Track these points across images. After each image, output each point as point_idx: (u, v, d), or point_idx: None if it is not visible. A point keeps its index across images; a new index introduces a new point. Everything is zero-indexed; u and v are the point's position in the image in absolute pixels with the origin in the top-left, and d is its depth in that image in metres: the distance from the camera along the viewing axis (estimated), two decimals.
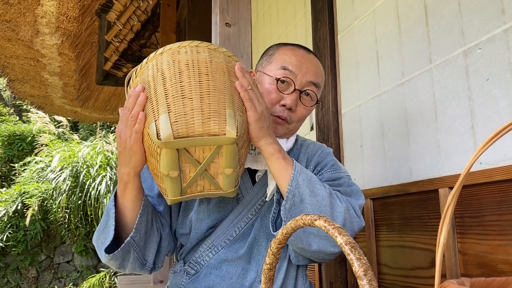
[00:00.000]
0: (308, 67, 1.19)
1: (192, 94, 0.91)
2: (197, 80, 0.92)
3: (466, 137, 1.21)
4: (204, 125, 0.89)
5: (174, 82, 0.92)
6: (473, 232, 1.18)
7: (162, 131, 0.88)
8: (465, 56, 1.23)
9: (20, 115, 11.83)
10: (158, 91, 0.93)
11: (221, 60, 0.98)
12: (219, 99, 0.92)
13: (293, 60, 1.19)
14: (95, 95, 5.41)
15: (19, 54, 3.92)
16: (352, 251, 0.59)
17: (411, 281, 1.41)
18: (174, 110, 0.90)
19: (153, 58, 0.97)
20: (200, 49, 0.97)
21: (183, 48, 0.96)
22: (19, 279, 7.37)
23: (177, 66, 0.93)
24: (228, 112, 0.91)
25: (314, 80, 1.19)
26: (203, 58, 0.95)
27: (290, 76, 1.17)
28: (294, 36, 2.41)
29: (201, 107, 0.90)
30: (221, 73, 0.95)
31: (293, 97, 1.16)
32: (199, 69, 0.94)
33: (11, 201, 7.43)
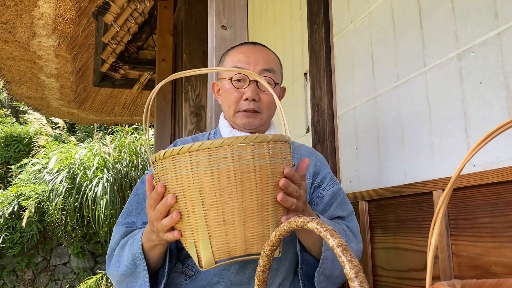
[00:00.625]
0: (256, 58, 1.24)
1: (234, 218, 0.84)
2: (240, 200, 0.84)
3: (459, 139, 1.22)
4: (247, 250, 0.87)
5: (214, 203, 0.84)
6: (466, 234, 1.19)
7: (204, 260, 0.87)
8: (459, 59, 1.23)
9: (17, 117, 11.80)
10: (196, 207, 0.85)
11: (265, 157, 0.86)
12: (263, 218, 0.86)
13: (241, 57, 1.24)
14: (92, 96, 5.42)
15: (15, 55, 3.93)
16: (344, 253, 0.59)
17: (405, 283, 1.41)
18: (216, 236, 0.86)
19: (186, 152, 0.84)
20: (242, 150, 0.84)
21: (222, 150, 0.83)
22: (15, 281, 7.35)
23: (216, 180, 0.83)
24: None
25: (265, 67, 1.23)
26: (246, 165, 0.84)
27: (241, 72, 1.21)
28: (290, 38, 2.42)
29: (244, 233, 0.86)
30: (265, 179, 0.85)
31: (251, 88, 1.20)
32: (242, 184, 0.84)
33: (8, 203, 7.40)
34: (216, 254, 0.86)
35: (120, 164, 7.26)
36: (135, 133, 8.25)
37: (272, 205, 0.87)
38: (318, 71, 1.97)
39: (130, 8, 3.88)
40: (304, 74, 2.22)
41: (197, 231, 0.86)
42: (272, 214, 0.88)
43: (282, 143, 0.90)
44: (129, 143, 7.62)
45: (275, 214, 0.89)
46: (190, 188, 0.85)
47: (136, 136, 8.01)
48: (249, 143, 0.85)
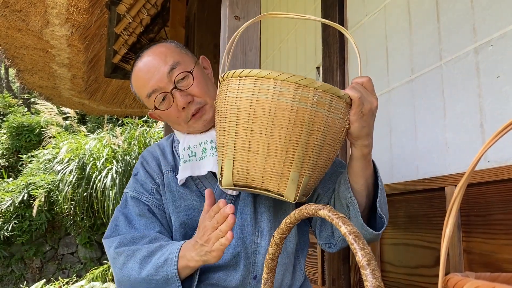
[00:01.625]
0: (152, 73, 1.13)
1: (259, 148, 0.87)
2: (268, 134, 0.86)
3: (474, 135, 1.20)
4: (264, 184, 0.89)
5: (245, 128, 0.88)
6: (478, 231, 1.17)
7: (224, 178, 0.91)
8: (476, 53, 1.21)
9: (29, 107, 11.91)
10: (230, 127, 0.90)
11: (306, 102, 0.85)
12: (286, 159, 0.87)
13: (143, 79, 1.14)
14: (103, 87, 5.43)
15: (28, 44, 3.94)
16: (356, 241, 0.58)
17: (414, 279, 1.40)
18: (239, 159, 0.89)
19: (237, 77, 0.89)
20: (285, 87, 0.85)
21: (266, 81, 0.85)
22: (23, 269, 7.43)
23: (253, 107, 0.86)
24: (292, 176, 0.88)
25: (168, 67, 1.12)
26: (284, 103, 0.84)
27: (156, 93, 1.13)
28: (303, 32, 2.40)
29: (264, 166, 0.87)
30: (299, 122, 0.85)
31: (177, 96, 1.12)
32: (274, 120, 0.85)
33: (18, 192, 7.48)
34: (235, 176, 0.90)
35: (130, 156, 7.29)
36: (145, 125, 8.27)
37: (300, 150, 0.87)
38: (331, 64, 1.95)
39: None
40: (316, 68, 2.20)
41: (226, 149, 0.91)
42: (298, 159, 0.87)
43: (333, 96, 0.87)
44: (138, 135, 7.65)
45: (301, 160, 0.87)
46: (231, 109, 0.89)
47: (146, 129, 8.03)
48: (294, 82, 0.85)
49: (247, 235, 1.16)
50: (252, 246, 1.16)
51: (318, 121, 0.86)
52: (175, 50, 1.18)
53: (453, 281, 0.52)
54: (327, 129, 0.88)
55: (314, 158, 0.89)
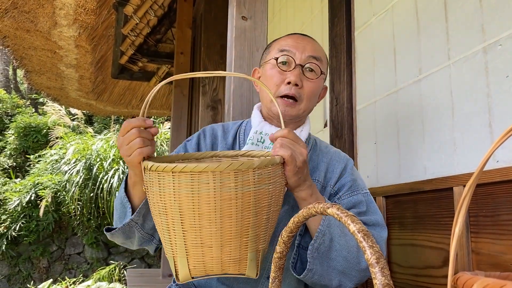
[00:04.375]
0: (305, 44, 1.20)
1: (212, 242, 0.84)
2: (218, 227, 0.83)
3: (483, 134, 1.19)
4: (224, 270, 0.87)
5: (193, 225, 0.84)
6: (487, 232, 1.16)
7: (180, 274, 0.88)
8: (484, 52, 1.20)
9: (36, 108, 11.98)
10: (176, 226, 0.85)
11: (248, 185, 0.83)
12: (241, 243, 0.85)
13: (289, 42, 1.21)
14: (110, 88, 5.46)
15: (36, 45, 3.98)
16: (365, 239, 0.58)
17: (422, 280, 1.39)
18: (193, 255, 0.86)
19: (170, 172, 0.83)
20: (225, 177, 0.81)
21: (204, 175, 0.81)
22: (30, 268, 7.47)
23: (196, 204, 0.82)
24: (250, 256, 0.87)
25: (313, 54, 1.19)
26: (228, 193, 0.82)
27: (289, 54, 1.18)
28: (309, 32, 2.40)
29: (220, 256, 0.85)
30: (247, 205, 0.83)
31: (295, 73, 1.16)
32: (221, 211, 0.82)
33: (25, 192, 7.52)
34: (192, 271, 0.87)
35: None
36: None
37: (253, 230, 0.86)
38: (338, 64, 1.94)
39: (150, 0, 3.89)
40: None
41: (176, 247, 0.87)
42: (252, 239, 0.86)
43: (271, 167, 0.87)
44: None
45: (255, 239, 0.87)
46: (171, 206, 0.84)
47: None
48: (233, 170, 0.81)
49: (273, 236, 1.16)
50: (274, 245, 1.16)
51: (263, 197, 0.86)
52: (325, 57, 1.26)
53: (463, 280, 0.52)
54: (272, 198, 0.88)
55: (265, 230, 0.89)
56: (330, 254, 1.05)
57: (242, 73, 1.74)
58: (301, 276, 1.07)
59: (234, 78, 1.67)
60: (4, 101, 10.94)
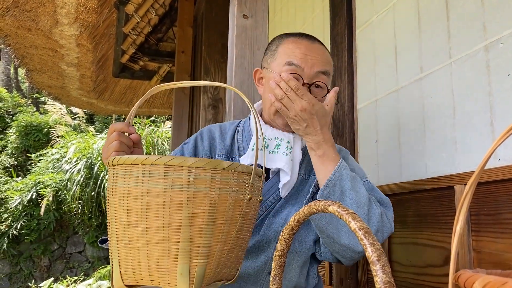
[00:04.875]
0: (314, 58, 1.15)
1: (139, 244, 0.78)
2: (144, 226, 0.77)
3: (484, 133, 1.19)
4: (154, 281, 0.79)
5: (123, 222, 0.79)
6: (488, 230, 1.16)
7: (115, 280, 0.82)
8: (486, 50, 1.20)
9: (38, 107, 11.99)
10: (111, 223, 0.82)
11: (181, 183, 0.76)
12: (170, 250, 0.77)
13: (297, 53, 1.14)
14: (111, 87, 5.46)
15: (38, 44, 3.97)
16: (366, 237, 0.58)
17: (423, 279, 1.39)
18: (123, 259, 0.80)
19: (111, 165, 0.81)
20: (154, 171, 0.76)
21: (135, 168, 0.77)
22: (31, 267, 7.48)
23: (126, 198, 0.78)
24: (180, 269, 0.77)
25: (322, 69, 1.15)
26: (155, 188, 0.76)
27: (297, 71, 1.13)
28: (311, 30, 2.39)
29: (147, 262, 0.78)
30: (177, 207, 0.76)
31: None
32: (148, 209, 0.76)
33: (26, 191, 7.54)
34: (123, 277, 0.81)
35: None
36: (152, 125, 8.30)
37: (184, 238, 0.76)
38: (339, 63, 1.94)
39: None
40: None
41: (112, 247, 0.83)
42: (184, 249, 0.77)
43: (216, 170, 0.78)
44: (146, 135, 7.68)
45: (187, 250, 0.77)
46: (109, 201, 0.82)
47: (154, 129, 8.06)
48: (162, 164, 0.76)
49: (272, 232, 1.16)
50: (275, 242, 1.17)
51: (200, 202, 0.77)
52: (332, 65, 1.23)
53: (464, 277, 0.51)
54: (216, 208, 0.78)
55: (205, 244, 0.78)
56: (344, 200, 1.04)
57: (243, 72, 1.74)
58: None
59: (235, 77, 1.67)
60: (5, 100, 10.95)
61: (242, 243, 0.88)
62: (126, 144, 0.96)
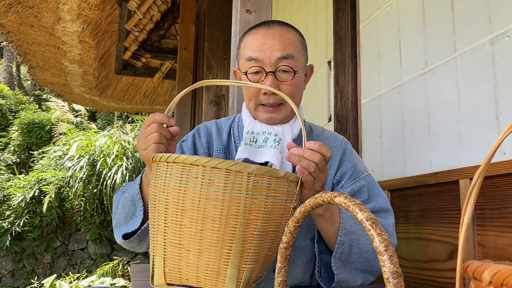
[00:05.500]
0: (271, 44, 1.12)
1: (190, 245, 0.78)
2: (199, 228, 0.77)
3: (490, 127, 1.18)
4: (200, 283, 0.80)
5: (175, 221, 0.79)
6: (493, 225, 1.15)
7: (155, 277, 0.83)
8: (492, 44, 1.19)
9: (40, 104, 12.00)
10: (159, 219, 0.82)
11: (240, 189, 0.77)
12: (222, 255, 0.78)
13: (254, 45, 1.13)
14: (114, 84, 5.46)
15: (40, 40, 3.97)
16: (373, 227, 0.58)
17: (427, 273, 1.38)
18: (170, 257, 0.81)
19: (164, 162, 0.82)
20: (215, 175, 0.76)
21: (194, 168, 0.77)
22: (34, 264, 7.50)
23: (181, 198, 0.78)
24: (230, 273, 0.78)
25: (282, 54, 1.11)
26: (215, 192, 0.76)
27: (257, 64, 1.11)
28: (314, 27, 2.39)
29: (197, 263, 0.79)
30: (234, 212, 0.77)
31: (268, 82, 1.10)
32: (205, 212, 0.77)
33: (29, 188, 7.55)
34: (167, 275, 0.82)
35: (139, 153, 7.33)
36: None
37: (237, 243, 0.78)
38: (342, 58, 1.93)
39: None
40: (327, 62, 2.19)
41: (157, 244, 0.83)
42: (235, 254, 0.78)
43: (272, 178, 0.79)
44: None
45: (239, 255, 0.78)
46: (160, 198, 0.82)
47: None
48: (224, 168, 0.76)
49: None
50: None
51: (256, 208, 0.78)
52: (298, 45, 1.17)
53: (473, 267, 0.51)
54: (268, 216, 0.80)
55: (254, 250, 0.80)
56: (351, 258, 1.06)
57: None
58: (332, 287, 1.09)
59: None
60: (7, 98, 10.96)
61: (276, 254, 0.89)
62: (165, 136, 0.94)
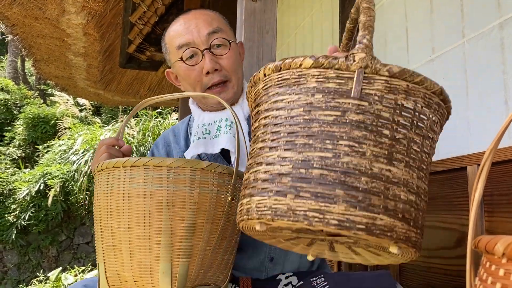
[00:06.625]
0: (195, 24, 1.10)
1: (122, 245, 0.79)
2: (126, 227, 0.78)
3: (498, 112, 1.17)
4: (137, 283, 0.80)
5: (107, 225, 0.81)
6: (502, 210, 1.14)
7: (100, 284, 0.83)
8: (501, 28, 1.18)
9: (45, 99, 12.04)
10: (96, 224, 0.84)
11: (161, 182, 0.77)
12: (151, 249, 0.78)
13: (180, 31, 1.11)
14: (118, 78, 5.46)
15: (45, 33, 3.98)
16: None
17: (434, 261, 1.38)
18: (108, 261, 0.82)
19: (98, 170, 0.84)
20: (134, 172, 0.78)
21: (117, 170, 0.79)
22: (39, 257, 7.54)
23: (109, 201, 0.80)
24: (162, 267, 0.78)
25: (210, 29, 1.10)
26: (136, 189, 0.78)
27: (189, 46, 1.10)
28: (319, 17, 2.37)
29: (130, 262, 0.79)
30: (157, 207, 0.77)
31: (207, 59, 1.08)
32: (129, 209, 0.78)
33: (34, 182, 7.58)
34: (109, 280, 0.82)
35: (144, 147, 7.33)
36: (159, 117, 8.31)
37: (165, 237, 0.77)
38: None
39: None
40: None
41: (98, 251, 0.84)
42: (165, 248, 0.78)
43: (195, 169, 0.79)
44: (153, 126, 7.69)
45: (169, 248, 0.78)
46: (95, 207, 0.84)
47: (160, 120, 8.07)
48: (142, 165, 0.78)
49: None
50: None
51: (180, 200, 0.78)
52: (221, 19, 1.16)
53: (485, 241, 0.50)
54: (196, 207, 0.79)
55: (186, 243, 0.79)
56: None
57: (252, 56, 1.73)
58: None
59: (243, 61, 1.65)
60: (12, 92, 11.00)
61: (228, 246, 0.88)
62: (116, 156, 0.96)
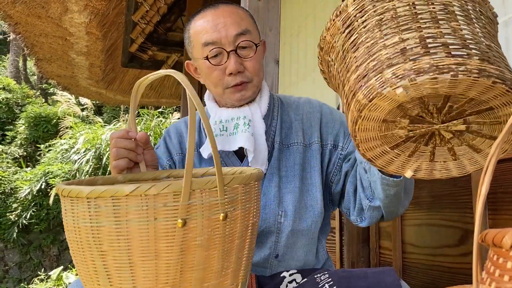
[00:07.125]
0: (224, 23, 1.09)
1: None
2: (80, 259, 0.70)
3: None
4: None
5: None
6: (505, 208, 1.14)
7: None
8: (505, 26, 1.18)
9: (46, 98, 12.06)
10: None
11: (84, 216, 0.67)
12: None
13: (207, 28, 1.10)
14: (120, 77, 5.46)
15: (48, 32, 3.98)
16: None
17: (437, 259, 1.38)
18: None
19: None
20: (68, 202, 0.68)
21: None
22: (41, 256, 7.56)
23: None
24: None
25: (238, 31, 1.09)
26: (70, 221, 0.69)
27: (215, 46, 1.09)
28: (322, 16, 2.37)
29: None
30: (87, 242, 0.67)
31: (232, 61, 1.08)
32: (70, 243, 0.70)
33: (36, 181, 7.60)
34: None
35: None
36: (160, 116, 8.32)
37: (103, 278, 0.68)
38: None
39: None
40: None
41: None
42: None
43: (118, 199, 0.65)
44: (154, 126, 7.70)
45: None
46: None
47: (162, 120, 8.08)
48: (68, 196, 0.68)
49: (270, 214, 1.14)
50: (275, 225, 1.15)
51: (106, 237, 0.67)
52: (250, 19, 1.15)
53: (492, 234, 0.50)
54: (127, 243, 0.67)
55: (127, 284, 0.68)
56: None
57: None
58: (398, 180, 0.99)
59: None
60: (14, 92, 11.02)
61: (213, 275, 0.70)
62: (128, 148, 0.93)
